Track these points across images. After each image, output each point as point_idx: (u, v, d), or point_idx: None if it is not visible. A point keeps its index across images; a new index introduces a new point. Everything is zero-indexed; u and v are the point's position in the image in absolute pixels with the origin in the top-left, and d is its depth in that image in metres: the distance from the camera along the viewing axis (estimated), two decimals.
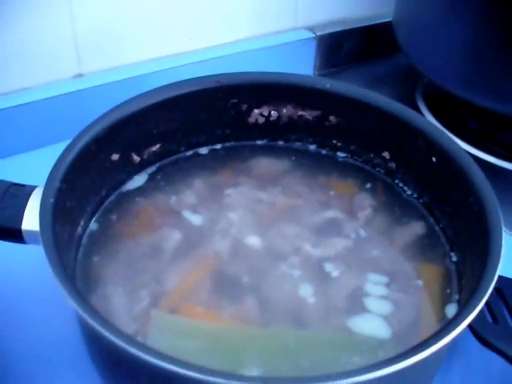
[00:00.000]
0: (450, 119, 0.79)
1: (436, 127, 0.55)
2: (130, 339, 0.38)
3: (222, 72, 0.59)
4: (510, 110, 0.70)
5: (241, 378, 0.37)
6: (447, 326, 0.41)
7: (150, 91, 0.56)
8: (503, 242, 0.45)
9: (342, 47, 0.88)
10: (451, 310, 0.49)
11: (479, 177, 0.50)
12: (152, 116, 0.57)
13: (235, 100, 0.60)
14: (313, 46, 0.86)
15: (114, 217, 0.55)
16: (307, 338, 0.48)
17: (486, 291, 0.42)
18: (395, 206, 0.58)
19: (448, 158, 0.53)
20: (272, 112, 0.61)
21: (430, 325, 0.48)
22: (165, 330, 0.47)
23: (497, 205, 0.48)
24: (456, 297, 0.50)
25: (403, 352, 0.39)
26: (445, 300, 0.50)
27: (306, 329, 0.48)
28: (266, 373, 0.43)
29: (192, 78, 0.58)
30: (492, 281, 0.42)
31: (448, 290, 0.51)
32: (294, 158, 0.62)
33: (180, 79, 0.57)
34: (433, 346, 0.39)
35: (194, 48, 0.79)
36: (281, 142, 0.63)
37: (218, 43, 0.81)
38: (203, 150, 0.62)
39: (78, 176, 0.50)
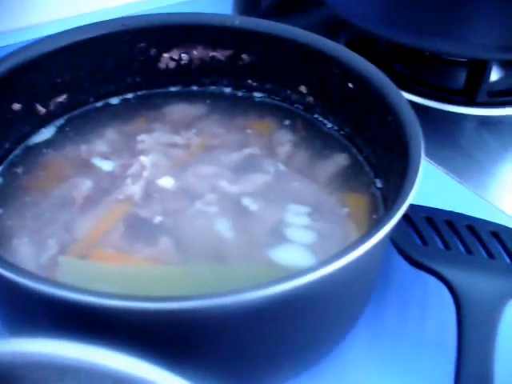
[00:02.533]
0: (376, 66, 0.77)
1: (349, 52, 0.53)
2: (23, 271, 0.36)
3: None
4: (429, 45, 0.68)
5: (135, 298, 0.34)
6: (364, 235, 0.38)
7: (52, 36, 0.54)
8: (422, 164, 0.43)
9: (260, 0, 0.86)
10: None
11: (395, 93, 0.48)
12: (55, 62, 0.54)
13: (143, 44, 0.57)
14: None
15: (19, 170, 0.52)
16: (226, 272, 0.45)
17: (406, 197, 0.40)
18: (316, 140, 0.55)
19: (364, 81, 0.51)
20: (182, 55, 0.58)
21: None
22: (73, 276, 0.44)
23: (414, 117, 0.46)
24: None
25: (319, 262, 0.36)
26: (372, 226, 0.48)
27: (226, 265, 0.45)
28: None
29: (96, 22, 0.56)
30: (411, 189, 0.40)
31: (374, 216, 0.49)
32: (209, 102, 0.59)
33: None
34: (349, 254, 0.37)
35: (107, 6, 0.76)
36: (195, 87, 0.60)
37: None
38: (114, 100, 0.59)
39: None
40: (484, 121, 0.71)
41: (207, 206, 0.49)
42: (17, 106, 0.52)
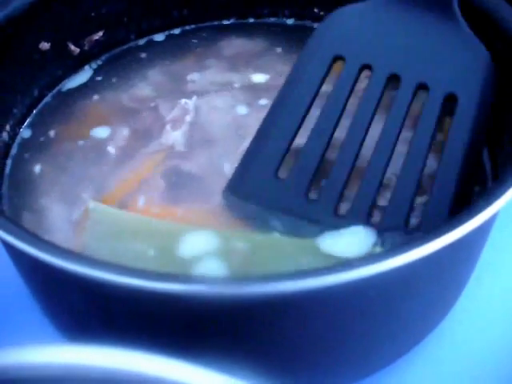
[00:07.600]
0: None
1: None
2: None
3: None
4: None
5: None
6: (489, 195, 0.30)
7: None
8: None
9: None
10: None
11: None
12: None
13: None
14: None
15: (50, 120, 0.46)
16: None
17: None
18: None
19: None
20: None
21: None
22: (104, 228, 0.37)
23: None
24: None
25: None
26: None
27: None
28: None
29: None
30: None
31: None
32: (270, 36, 0.51)
33: None
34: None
35: None
36: (251, 20, 0.52)
37: None
38: (159, 37, 0.51)
39: None
40: None
41: None
42: (45, 46, 0.46)
